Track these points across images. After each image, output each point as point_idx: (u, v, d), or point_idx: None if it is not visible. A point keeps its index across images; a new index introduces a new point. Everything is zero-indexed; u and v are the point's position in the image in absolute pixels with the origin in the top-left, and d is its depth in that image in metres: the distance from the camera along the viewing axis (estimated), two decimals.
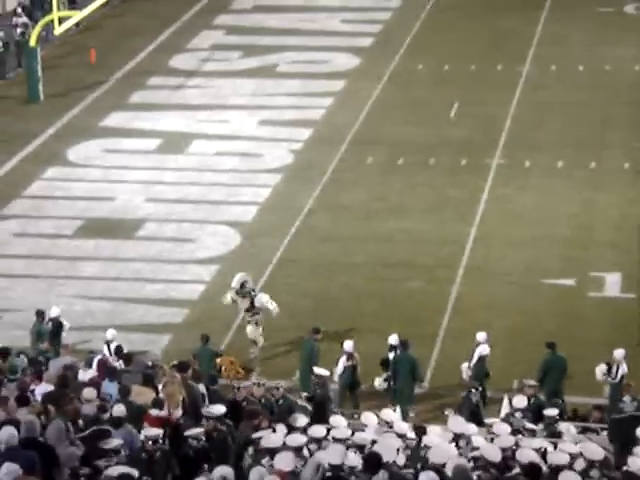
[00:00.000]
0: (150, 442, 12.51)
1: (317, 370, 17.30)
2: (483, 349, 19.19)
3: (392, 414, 15.48)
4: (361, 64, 35.99)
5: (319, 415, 15.10)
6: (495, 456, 12.55)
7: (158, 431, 12.77)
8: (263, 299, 20.77)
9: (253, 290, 20.99)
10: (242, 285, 20.79)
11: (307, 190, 27.61)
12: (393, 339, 19.20)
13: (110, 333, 19.43)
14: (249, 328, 20.69)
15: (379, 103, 32.93)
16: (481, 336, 19.29)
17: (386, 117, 31.86)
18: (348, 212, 26.51)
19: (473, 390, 17.67)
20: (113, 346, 18.94)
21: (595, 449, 12.95)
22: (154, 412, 13.88)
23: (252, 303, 20.72)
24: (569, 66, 35.13)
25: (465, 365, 19.12)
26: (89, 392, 14.32)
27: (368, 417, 14.80)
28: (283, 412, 15.22)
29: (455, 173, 28.45)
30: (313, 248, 24.87)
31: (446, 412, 17.02)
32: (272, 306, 20.81)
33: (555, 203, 26.76)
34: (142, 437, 12.67)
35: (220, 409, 13.86)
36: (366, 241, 25.08)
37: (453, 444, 13.51)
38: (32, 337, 19.78)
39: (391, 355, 19.08)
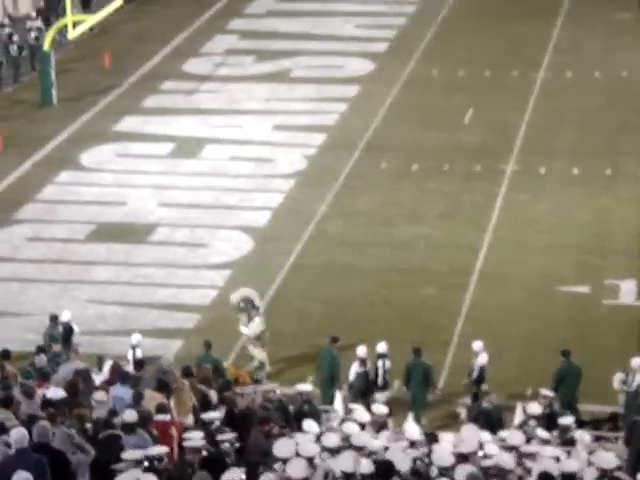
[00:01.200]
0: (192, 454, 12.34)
1: (300, 387, 16.79)
2: (482, 359, 19.06)
3: (383, 409, 15.54)
4: (376, 69, 35.90)
5: None
6: (509, 463, 12.45)
7: (200, 440, 12.62)
8: (245, 331, 20.32)
9: (252, 310, 20.33)
10: (239, 303, 20.42)
11: (320, 195, 27.51)
12: (381, 347, 19.04)
13: (135, 338, 19.44)
14: (255, 351, 20.31)
15: (393, 109, 32.82)
16: (477, 346, 19.16)
17: (400, 123, 31.74)
18: (361, 218, 26.39)
19: (485, 400, 17.39)
20: (139, 351, 18.92)
21: (608, 457, 12.78)
22: (160, 417, 13.77)
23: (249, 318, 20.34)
24: (585, 72, 34.96)
25: (467, 382, 18.98)
26: (100, 395, 14.23)
27: (360, 413, 14.67)
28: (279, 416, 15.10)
29: (469, 179, 28.31)
30: (326, 254, 24.75)
31: (458, 410, 16.85)
32: (258, 352, 20.30)
33: (570, 210, 26.59)
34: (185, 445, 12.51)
35: (213, 415, 13.81)
36: (380, 247, 24.96)
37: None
38: (45, 341, 19.71)
39: (379, 364, 18.91)
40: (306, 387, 16.63)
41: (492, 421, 16.55)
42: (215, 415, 14.21)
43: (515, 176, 28.41)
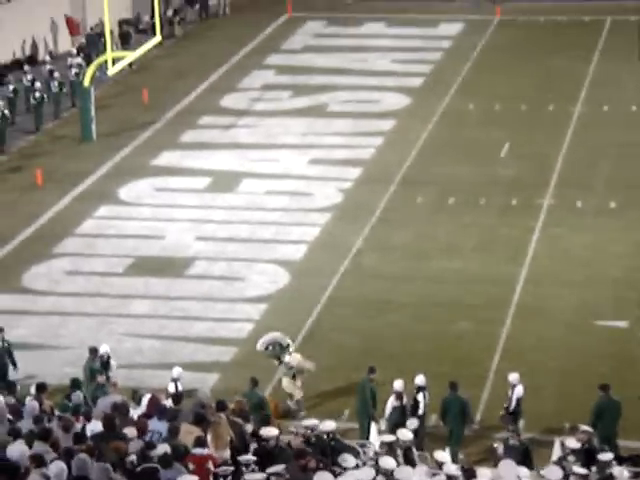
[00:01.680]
0: None
1: (323, 426, 16.75)
2: (519, 391, 18.99)
3: (408, 434, 15.34)
4: (411, 104, 36.06)
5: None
6: None
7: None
8: (293, 362, 20.30)
9: (281, 352, 20.33)
10: (266, 348, 20.44)
11: (356, 229, 27.60)
12: (419, 380, 18.95)
13: (177, 371, 19.53)
14: (284, 381, 20.35)
15: (429, 143, 32.93)
16: (514, 377, 19.09)
17: (436, 157, 31.83)
18: (397, 251, 26.43)
19: (510, 436, 17.20)
20: (179, 385, 19.06)
21: None
22: (197, 451, 13.83)
23: (280, 360, 20.40)
24: (621, 106, 34.92)
25: (505, 415, 18.90)
26: (130, 431, 14.29)
27: (387, 461, 14.33)
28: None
29: (506, 213, 28.30)
30: (362, 287, 24.79)
31: (495, 445, 16.74)
32: (309, 365, 20.41)
33: (607, 244, 26.49)
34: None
35: (248, 457, 13.77)
36: (415, 281, 24.97)
37: None
38: (84, 374, 19.85)
39: (419, 397, 18.84)
40: (329, 425, 16.50)
41: (519, 458, 16.35)
42: (251, 457, 14.16)
43: (551, 210, 28.36)
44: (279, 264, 25.94)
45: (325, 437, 15.87)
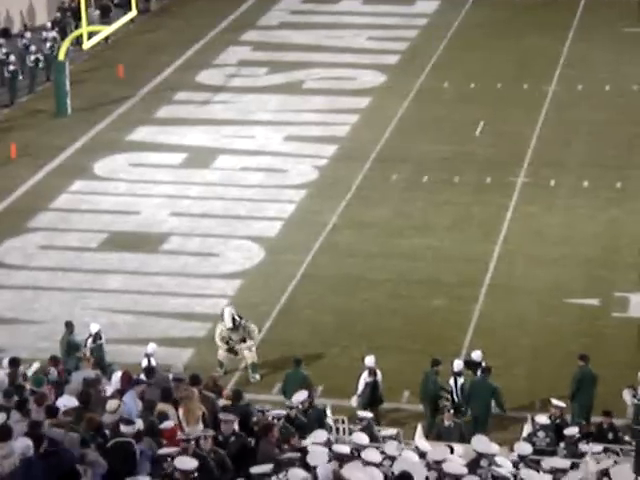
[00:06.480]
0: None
1: (360, 413, 16.93)
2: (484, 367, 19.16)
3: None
4: (387, 81, 36.09)
5: None
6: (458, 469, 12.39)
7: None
8: (254, 328, 20.68)
9: (241, 319, 20.58)
10: (234, 319, 20.50)
11: (331, 206, 27.66)
12: (457, 365, 18.81)
13: (151, 347, 19.64)
14: (250, 354, 20.50)
15: (404, 120, 32.99)
16: (477, 355, 19.25)
17: (411, 134, 31.90)
18: (372, 229, 26.53)
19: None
20: (152, 360, 19.08)
21: (625, 472, 12.74)
22: (165, 425, 13.82)
23: (245, 333, 20.49)
24: (595, 86, 35.08)
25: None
26: (112, 403, 14.33)
27: (360, 437, 14.29)
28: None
29: (480, 191, 28.44)
30: (336, 264, 24.89)
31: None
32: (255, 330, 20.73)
33: (580, 222, 26.69)
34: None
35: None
36: (390, 258, 25.09)
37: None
38: (61, 348, 19.85)
39: (460, 381, 18.73)
40: (365, 414, 16.71)
41: (453, 439, 16.37)
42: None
43: (525, 188, 28.52)
44: (254, 240, 25.99)
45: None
